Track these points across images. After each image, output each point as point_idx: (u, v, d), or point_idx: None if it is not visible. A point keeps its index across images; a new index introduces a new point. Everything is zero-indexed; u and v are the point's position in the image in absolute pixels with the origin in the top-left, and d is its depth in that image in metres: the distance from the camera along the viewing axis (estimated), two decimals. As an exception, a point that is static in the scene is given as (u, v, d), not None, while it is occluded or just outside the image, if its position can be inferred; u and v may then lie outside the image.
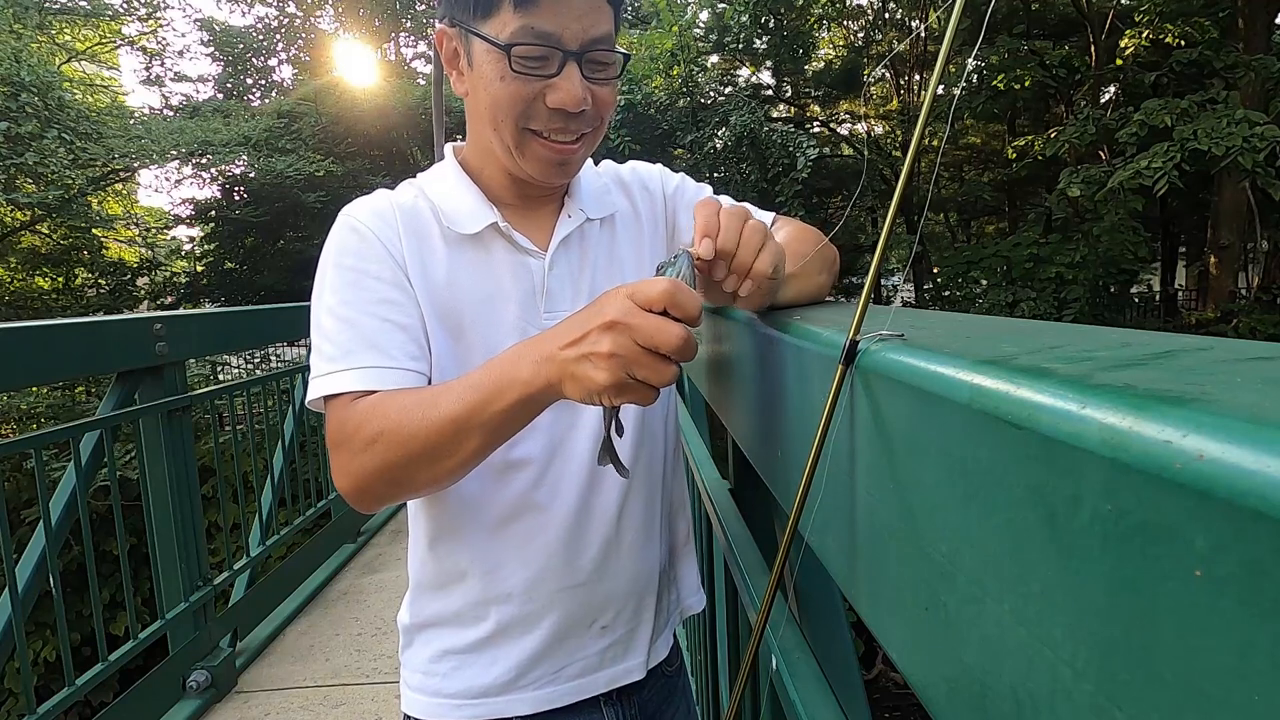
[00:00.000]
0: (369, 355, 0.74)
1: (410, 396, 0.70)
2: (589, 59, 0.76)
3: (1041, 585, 0.28)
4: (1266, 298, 10.47)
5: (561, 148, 0.78)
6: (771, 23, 12.38)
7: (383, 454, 0.68)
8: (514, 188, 0.84)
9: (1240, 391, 0.24)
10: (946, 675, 0.36)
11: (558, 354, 0.60)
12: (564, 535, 0.84)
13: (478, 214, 0.82)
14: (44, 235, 11.12)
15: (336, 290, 0.78)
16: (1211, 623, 0.20)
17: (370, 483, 0.71)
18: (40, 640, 5.80)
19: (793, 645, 0.93)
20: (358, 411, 0.71)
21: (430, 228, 0.81)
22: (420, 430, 0.67)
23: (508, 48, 0.73)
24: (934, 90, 0.52)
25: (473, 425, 0.65)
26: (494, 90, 0.76)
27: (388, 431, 0.68)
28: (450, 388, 0.67)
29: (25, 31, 10.45)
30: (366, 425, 0.70)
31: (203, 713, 2.37)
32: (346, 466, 0.72)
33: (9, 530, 1.74)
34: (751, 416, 0.82)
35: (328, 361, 0.75)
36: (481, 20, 0.75)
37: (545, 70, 0.74)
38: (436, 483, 0.71)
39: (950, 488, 0.35)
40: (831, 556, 0.54)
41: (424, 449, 0.67)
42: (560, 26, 0.73)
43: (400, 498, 0.74)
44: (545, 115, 0.76)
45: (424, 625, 0.88)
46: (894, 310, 0.51)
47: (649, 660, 0.91)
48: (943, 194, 14.69)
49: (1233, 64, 8.82)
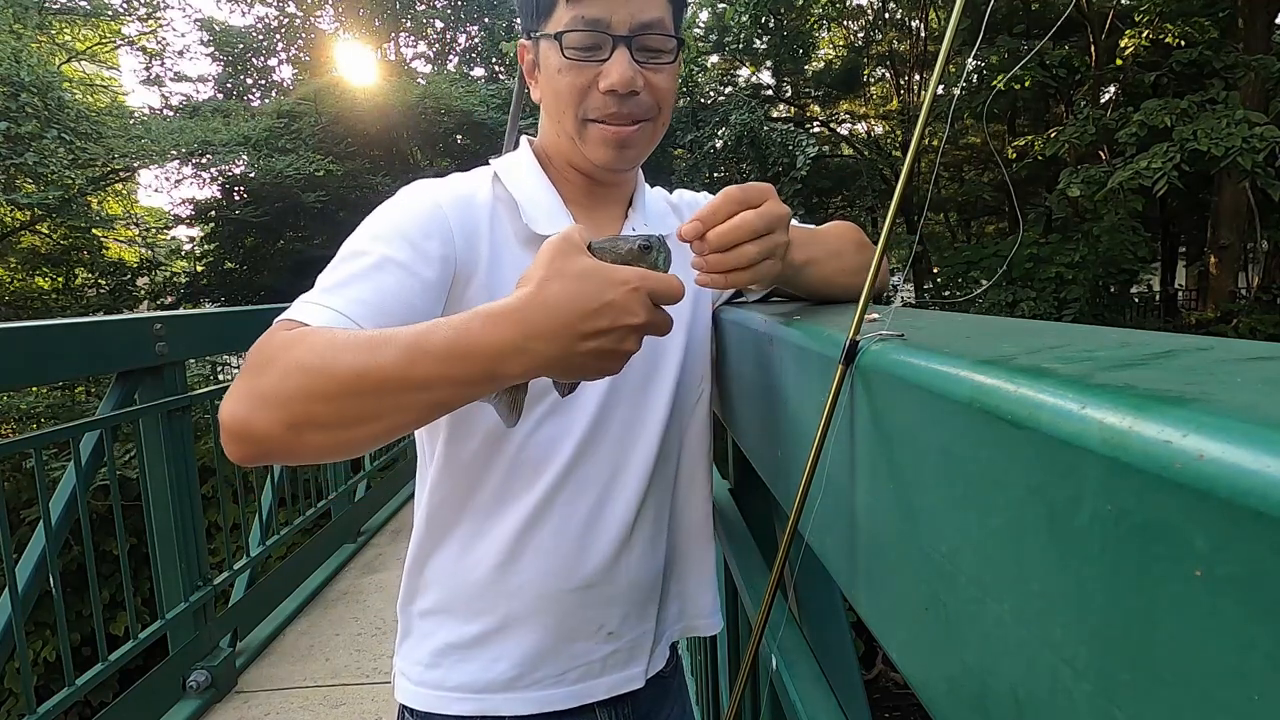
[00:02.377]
0: (353, 307, 0.67)
1: (353, 335, 0.60)
2: (640, 44, 0.78)
3: (1041, 585, 0.28)
4: (1266, 298, 10.48)
5: (619, 129, 0.80)
6: (771, 23, 12.39)
7: (297, 384, 0.57)
8: (583, 184, 0.87)
9: (1240, 391, 0.24)
10: (946, 675, 0.36)
11: (576, 348, 0.57)
12: (579, 536, 0.84)
13: (555, 216, 0.83)
14: (44, 235, 11.13)
15: (373, 232, 0.75)
16: (1211, 623, 0.20)
17: (266, 414, 0.58)
18: (40, 640, 5.80)
19: (793, 645, 0.93)
20: (291, 335, 0.62)
21: (507, 227, 0.82)
22: (351, 373, 0.56)
23: (559, 36, 0.77)
24: (934, 90, 0.52)
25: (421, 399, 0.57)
26: (555, 83, 0.80)
27: (313, 363, 0.58)
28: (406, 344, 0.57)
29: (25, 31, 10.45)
30: (293, 348, 0.59)
31: (203, 713, 2.37)
32: (253, 389, 0.59)
33: (9, 530, 1.74)
34: (751, 416, 0.82)
35: (313, 292, 0.69)
36: (544, 21, 0.80)
37: (596, 56, 0.77)
38: (339, 447, 0.60)
39: (950, 488, 0.35)
40: (831, 556, 0.54)
41: (350, 395, 0.56)
42: (608, 12, 0.76)
43: (288, 453, 0.60)
44: (600, 102, 0.79)
45: (427, 614, 0.87)
46: (894, 310, 0.51)
47: (649, 669, 0.91)
48: (943, 194, 14.69)
49: (1233, 64, 8.83)
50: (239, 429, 0.59)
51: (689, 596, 0.98)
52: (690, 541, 0.97)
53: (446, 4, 16.42)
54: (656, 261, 0.62)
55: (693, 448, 0.95)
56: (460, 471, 0.84)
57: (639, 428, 0.87)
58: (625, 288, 0.58)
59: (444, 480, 0.85)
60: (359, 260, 0.72)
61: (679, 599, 0.98)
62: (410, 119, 11.81)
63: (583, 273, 0.58)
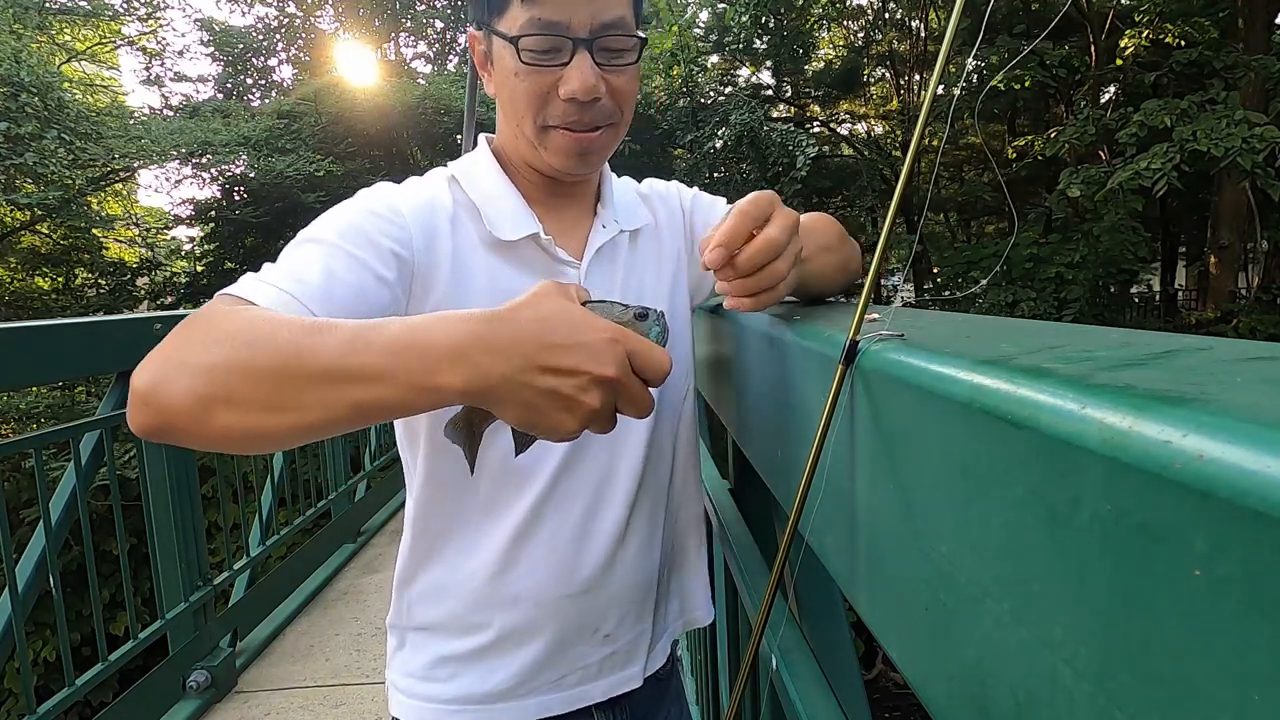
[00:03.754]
0: (300, 287, 0.63)
1: (296, 317, 0.55)
2: (600, 45, 0.74)
3: (1041, 585, 0.28)
4: (1266, 298, 10.48)
5: (580, 136, 0.76)
6: (771, 23, 12.38)
7: (221, 352, 0.52)
8: (545, 185, 0.84)
9: (1240, 391, 0.24)
10: (946, 675, 0.36)
11: (529, 380, 0.51)
12: (573, 541, 0.83)
13: (520, 221, 0.80)
14: (44, 235, 11.13)
15: (329, 225, 0.71)
16: (1211, 623, 0.20)
17: (180, 381, 0.52)
18: (40, 640, 5.81)
19: (793, 645, 0.93)
20: (231, 308, 0.57)
21: (471, 232, 0.79)
22: (282, 353, 0.51)
23: (515, 39, 0.72)
24: (934, 90, 0.52)
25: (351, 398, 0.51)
26: (512, 86, 0.75)
27: (244, 334, 0.53)
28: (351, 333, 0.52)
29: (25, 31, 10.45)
30: (228, 319, 0.55)
31: (203, 713, 2.37)
32: (174, 352, 0.54)
33: (9, 530, 1.74)
34: (751, 416, 0.82)
35: (262, 272, 0.65)
36: (497, 17, 0.75)
37: (556, 60, 0.73)
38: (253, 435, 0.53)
39: (950, 488, 0.35)
40: (831, 556, 0.54)
41: (277, 376, 0.51)
42: (567, 14, 0.72)
43: (193, 430, 0.53)
44: (561, 109, 0.75)
45: (420, 629, 0.86)
46: (894, 310, 0.51)
47: (646, 668, 0.91)
48: (943, 194, 14.69)
49: (1233, 64, 8.83)
50: (145, 392, 0.53)
51: (688, 592, 0.98)
52: (687, 537, 0.97)
53: (446, 4, 16.43)
54: (649, 333, 0.58)
55: (684, 442, 0.94)
56: (446, 484, 0.82)
57: (627, 427, 0.84)
58: (603, 335, 0.53)
59: (430, 493, 0.83)
60: (312, 246, 0.69)
61: (679, 595, 0.97)
62: (410, 119, 11.81)
63: (564, 308, 0.54)
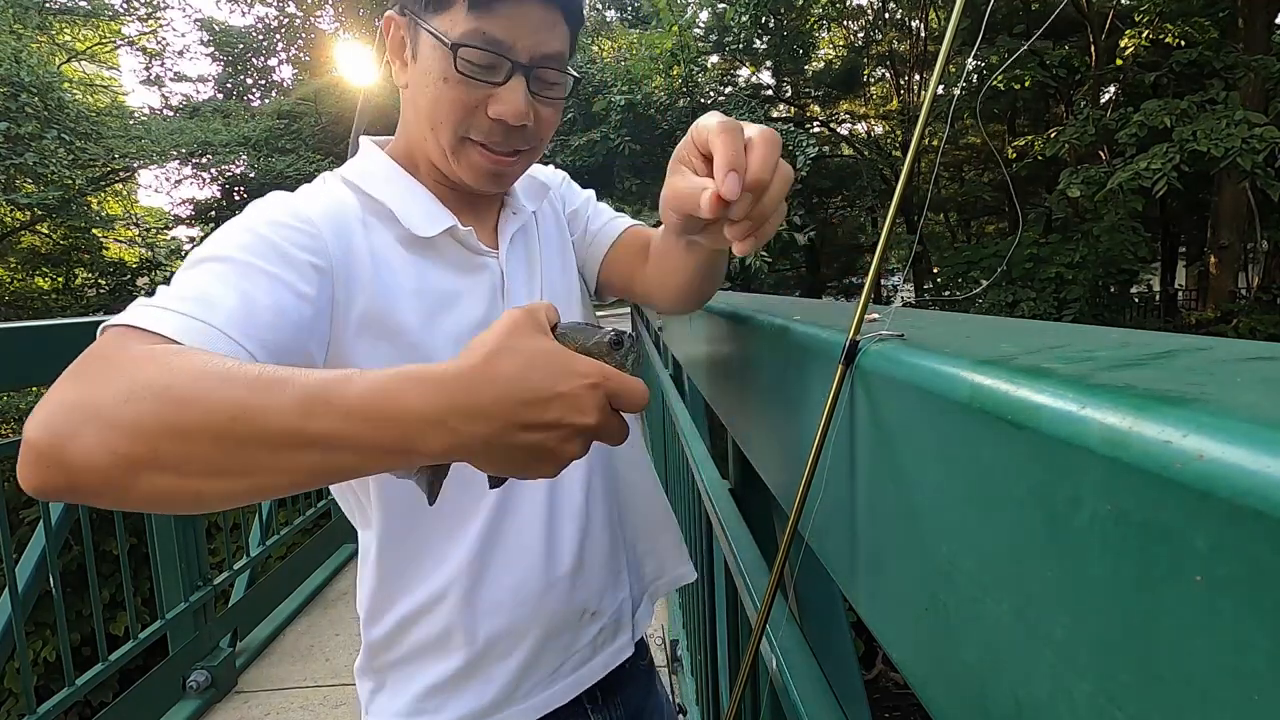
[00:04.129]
0: (215, 314, 0.56)
1: (236, 365, 0.48)
2: (537, 75, 0.73)
3: (1041, 585, 0.28)
4: (1266, 298, 10.48)
5: (498, 158, 0.76)
6: (771, 23, 12.39)
7: (150, 407, 0.45)
8: (449, 189, 0.82)
9: (1240, 391, 0.24)
10: (946, 675, 0.36)
11: (510, 439, 0.49)
12: (541, 531, 0.82)
13: (434, 216, 0.77)
14: (44, 235, 11.13)
15: (228, 239, 0.63)
16: (1211, 623, 0.20)
17: (97, 438, 0.44)
18: (40, 640, 5.81)
19: (793, 645, 0.93)
20: (152, 348, 0.50)
21: (385, 234, 0.75)
22: (225, 412, 0.45)
23: (454, 47, 0.70)
24: (934, 90, 0.52)
25: (307, 462, 0.46)
26: (436, 90, 0.73)
27: (179, 388, 0.45)
28: (305, 391, 0.46)
29: (25, 32, 10.46)
30: (154, 363, 0.47)
31: (203, 713, 2.37)
32: (81, 400, 0.46)
33: (9, 530, 1.74)
34: (751, 416, 0.82)
35: (157, 297, 0.57)
36: (433, 14, 0.71)
37: (491, 78, 0.72)
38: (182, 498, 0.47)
39: (950, 488, 0.35)
40: (831, 556, 0.54)
41: (218, 439, 0.45)
42: (513, 37, 0.71)
43: (110, 494, 0.46)
44: (486, 126, 0.74)
45: (399, 664, 0.81)
46: (894, 310, 0.51)
47: (635, 633, 0.91)
48: (943, 194, 14.70)
49: (1232, 64, 8.84)
50: (45, 447, 0.45)
51: (661, 550, 0.98)
52: (640, 495, 0.96)
53: (446, 4, 16.38)
54: (625, 361, 0.57)
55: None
56: (402, 515, 0.78)
57: None
58: (584, 381, 0.51)
59: (388, 528, 0.78)
60: (216, 265, 0.60)
61: (653, 556, 0.97)
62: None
63: (539, 354, 0.51)
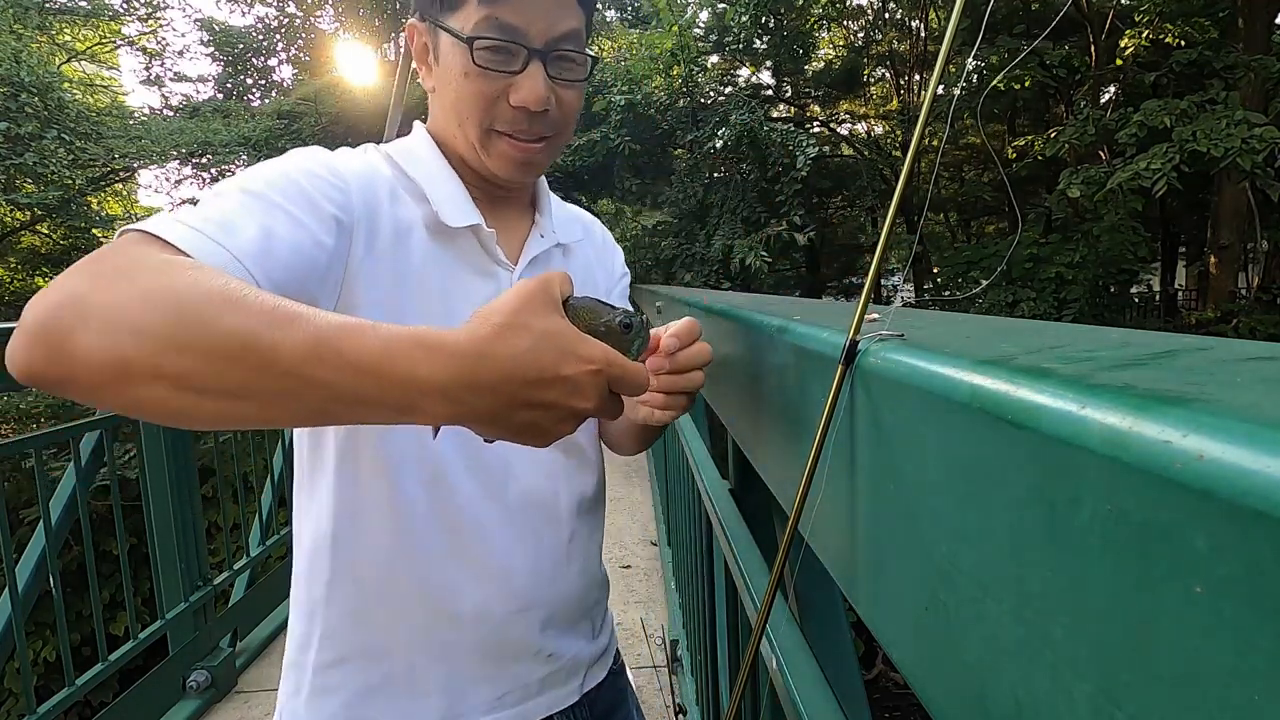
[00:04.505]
0: (235, 240, 0.56)
1: (253, 292, 0.47)
2: (554, 57, 0.74)
3: (1041, 585, 0.28)
4: (1266, 298, 10.48)
5: (525, 146, 0.76)
6: (771, 23, 12.39)
7: (162, 318, 0.44)
8: (482, 184, 0.82)
9: (1240, 391, 0.24)
10: (946, 675, 0.36)
11: (510, 414, 0.51)
12: (520, 555, 0.80)
13: (464, 209, 0.78)
14: (44, 235, 11.13)
15: (259, 175, 0.64)
16: (1211, 623, 0.20)
17: (103, 336, 0.44)
18: (40, 640, 5.80)
19: (793, 645, 0.93)
20: (171, 258, 0.50)
21: (413, 210, 0.77)
22: (236, 338, 0.45)
23: (470, 40, 0.71)
24: (934, 90, 0.52)
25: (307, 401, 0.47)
26: (459, 86, 0.74)
27: (194, 304, 0.45)
28: (318, 335, 0.46)
29: (25, 32, 10.46)
30: (171, 274, 0.47)
31: (203, 713, 2.37)
32: (95, 296, 0.45)
33: (9, 530, 1.74)
34: (751, 416, 0.82)
35: (179, 214, 0.56)
36: (448, 13, 0.73)
37: (509, 66, 0.73)
38: (186, 412, 0.46)
39: (950, 488, 0.35)
40: (831, 556, 0.54)
41: (224, 362, 0.45)
42: (526, 21, 0.71)
43: (101, 394, 0.45)
44: (509, 116, 0.74)
45: (334, 664, 0.78)
46: (894, 310, 0.51)
47: (583, 686, 0.89)
48: (943, 194, 14.70)
49: (1232, 64, 8.83)
50: (45, 332, 0.44)
51: (607, 615, 0.97)
52: (598, 563, 0.94)
53: (446, 4, 16.39)
54: (631, 345, 0.57)
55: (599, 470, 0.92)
56: (373, 491, 0.76)
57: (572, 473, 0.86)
58: (587, 368, 0.52)
59: (346, 502, 0.76)
60: (244, 198, 0.61)
61: (607, 618, 0.96)
62: (410, 119, 11.79)
63: (549, 334, 0.51)
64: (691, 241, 11.16)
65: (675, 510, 2.80)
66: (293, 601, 0.81)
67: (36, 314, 0.45)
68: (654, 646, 2.84)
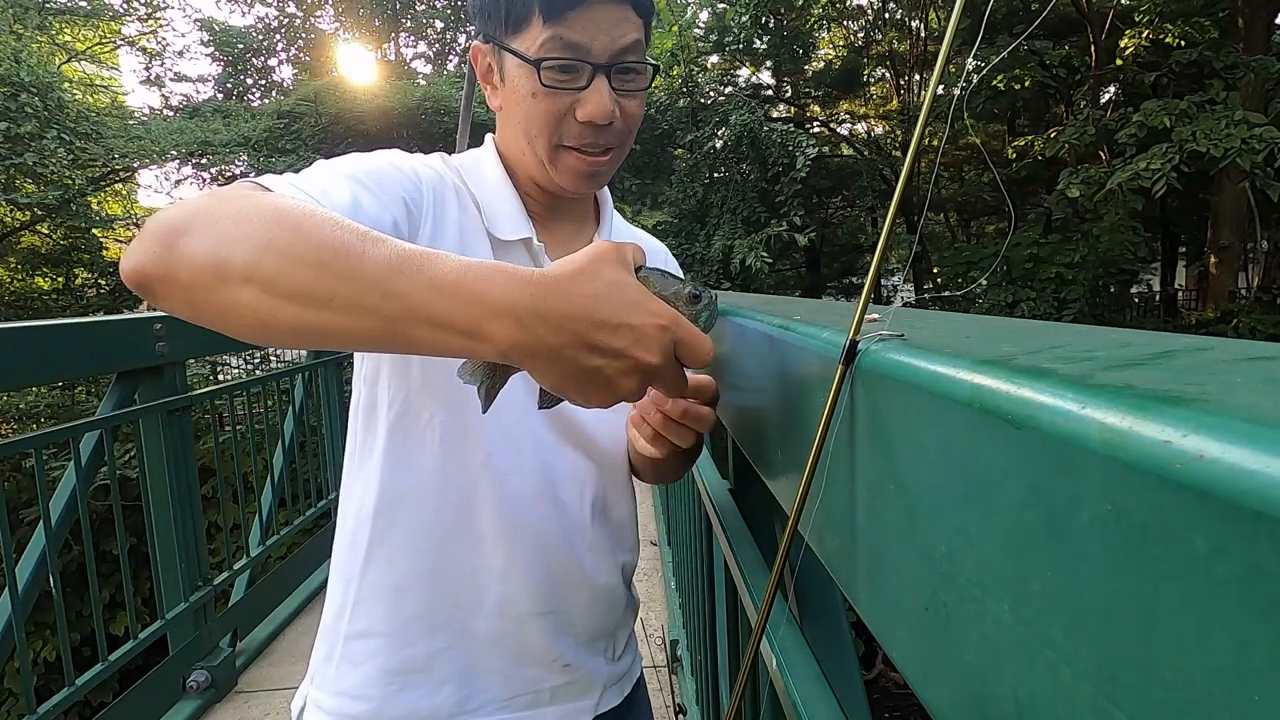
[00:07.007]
0: (329, 201, 0.62)
1: (349, 219, 0.53)
2: (618, 70, 0.76)
3: (1041, 585, 0.28)
4: (1266, 298, 10.48)
5: (592, 160, 0.78)
6: (771, 23, 12.39)
7: (263, 226, 0.50)
8: (544, 198, 0.85)
9: (1240, 391, 0.24)
10: (946, 675, 0.36)
11: (574, 355, 0.51)
12: (554, 552, 0.83)
13: (516, 223, 0.81)
14: (44, 235, 11.12)
15: (350, 162, 0.71)
16: (1212, 623, 0.20)
17: (207, 235, 0.50)
18: (40, 640, 5.80)
19: (793, 645, 0.93)
20: (276, 195, 0.55)
21: (476, 220, 0.81)
22: (329, 246, 0.49)
23: (537, 63, 0.73)
24: (934, 90, 0.52)
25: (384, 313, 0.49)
26: (526, 106, 0.76)
27: (294, 217, 0.50)
28: (404, 251, 0.50)
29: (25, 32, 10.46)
30: (278, 200, 0.53)
31: (203, 713, 2.37)
32: (207, 208, 0.51)
33: (9, 530, 1.74)
34: (751, 416, 0.82)
35: (285, 176, 0.63)
36: (513, 35, 0.75)
37: (574, 84, 0.75)
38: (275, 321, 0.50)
39: (950, 488, 0.35)
40: (831, 556, 0.54)
41: (315, 269, 0.48)
42: (589, 38, 0.73)
43: (194, 293, 0.51)
44: (577, 131, 0.77)
45: (363, 636, 0.81)
46: (894, 310, 0.51)
47: (599, 706, 0.90)
48: (943, 194, 14.69)
49: (1232, 64, 8.83)
50: (164, 232, 0.50)
51: (631, 640, 0.98)
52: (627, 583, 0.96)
53: (446, 4, 16.43)
54: (699, 315, 0.57)
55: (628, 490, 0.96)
56: (419, 472, 0.79)
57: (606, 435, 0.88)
58: (655, 320, 0.52)
59: (392, 478, 0.79)
60: (338, 176, 0.67)
61: (631, 641, 0.97)
62: (410, 120, 11.80)
63: (619, 284, 0.52)
64: (691, 242, 11.16)
65: (675, 510, 2.80)
66: (333, 568, 0.84)
67: (153, 222, 0.52)
68: (654, 646, 2.84)
